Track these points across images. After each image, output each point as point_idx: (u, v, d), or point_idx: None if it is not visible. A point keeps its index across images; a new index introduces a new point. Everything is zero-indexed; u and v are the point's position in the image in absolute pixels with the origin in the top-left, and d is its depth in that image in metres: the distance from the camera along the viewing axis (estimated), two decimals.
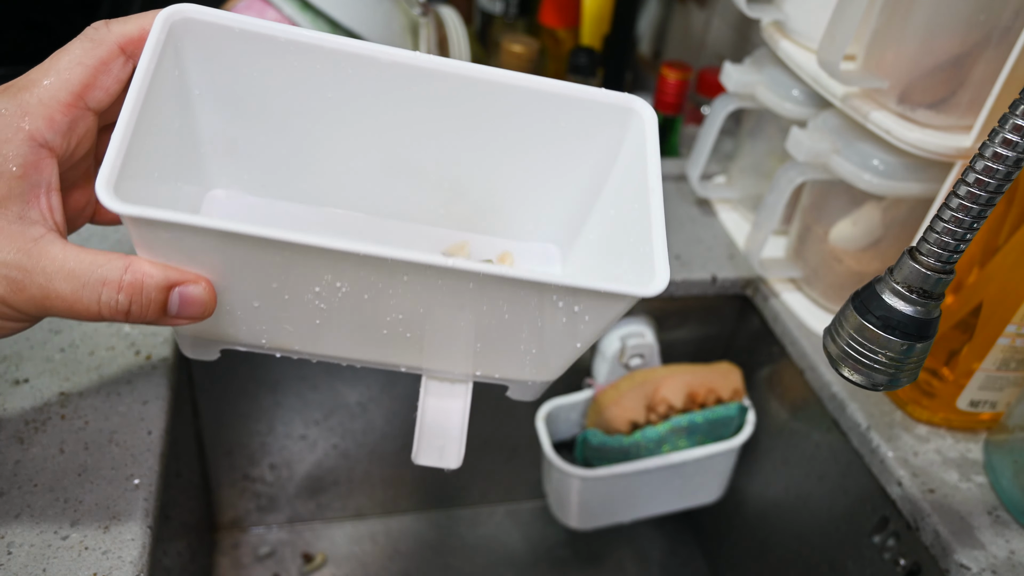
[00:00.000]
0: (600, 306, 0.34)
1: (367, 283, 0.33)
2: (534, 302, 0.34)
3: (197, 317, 0.33)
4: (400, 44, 0.77)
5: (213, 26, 0.36)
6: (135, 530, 0.43)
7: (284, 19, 0.72)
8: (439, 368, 0.41)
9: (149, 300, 0.32)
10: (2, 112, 0.32)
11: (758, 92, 0.68)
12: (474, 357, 0.39)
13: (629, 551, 0.86)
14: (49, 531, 0.43)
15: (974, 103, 0.52)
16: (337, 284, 0.33)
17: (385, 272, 0.32)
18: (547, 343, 0.38)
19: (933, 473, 0.55)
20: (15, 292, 0.31)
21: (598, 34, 0.97)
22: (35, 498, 0.44)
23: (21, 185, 0.32)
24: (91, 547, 0.42)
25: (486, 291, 0.33)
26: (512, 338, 0.37)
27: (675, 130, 0.87)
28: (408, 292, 0.34)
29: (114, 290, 0.31)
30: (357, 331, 0.37)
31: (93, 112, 0.34)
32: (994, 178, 0.33)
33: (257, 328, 0.37)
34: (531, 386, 0.42)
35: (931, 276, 0.37)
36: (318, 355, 0.40)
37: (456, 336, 0.37)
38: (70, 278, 0.31)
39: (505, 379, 0.41)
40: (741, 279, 0.71)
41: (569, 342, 0.37)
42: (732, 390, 0.70)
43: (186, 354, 0.40)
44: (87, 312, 0.32)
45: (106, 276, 0.31)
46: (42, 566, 0.41)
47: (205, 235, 0.30)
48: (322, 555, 0.80)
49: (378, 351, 0.39)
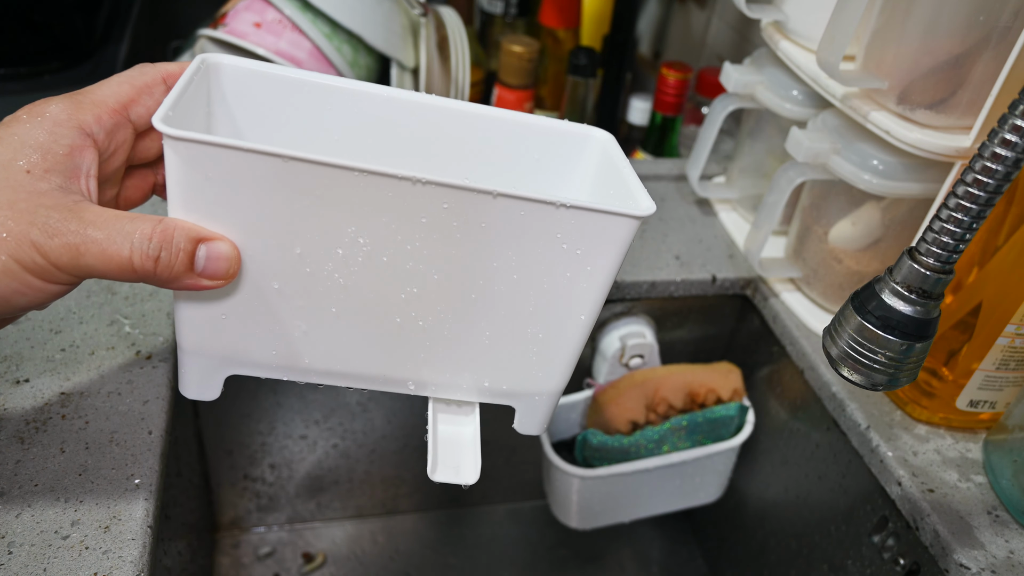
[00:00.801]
0: (600, 242, 0.37)
1: (387, 233, 0.35)
2: (541, 244, 0.36)
3: (222, 275, 0.35)
4: (400, 44, 0.77)
5: (235, 68, 0.41)
6: (135, 530, 0.43)
7: (284, 19, 0.73)
8: (447, 378, 0.41)
9: (179, 249, 0.34)
10: (61, 107, 0.36)
11: (758, 92, 0.68)
12: (482, 352, 0.40)
13: (629, 551, 0.86)
14: (49, 531, 0.43)
15: (973, 103, 0.52)
16: (360, 240, 0.36)
17: (407, 208, 0.35)
18: (551, 320, 0.39)
19: (933, 473, 0.55)
20: (50, 236, 0.33)
21: (598, 34, 0.97)
22: (35, 498, 0.44)
23: (66, 163, 0.35)
24: (91, 547, 0.42)
25: (499, 218, 0.36)
26: (519, 320, 0.39)
27: (675, 130, 0.88)
28: (425, 239, 0.36)
29: (146, 236, 0.33)
30: (371, 323, 0.38)
31: (133, 125, 0.38)
32: (993, 178, 0.33)
33: (270, 331, 0.38)
34: (537, 404, 0.43)
35: (930, 276, 0.37)
36: (327, 369, 0.40)
37: (467, 315, 0.39)
38: (105, 226, 0.33)
39: (512, 393, 0.42)
40: (741, 279, 0.71)
41: (573, 314, 0.39)
42: (732, 390, 0.70)
43: (187, 393, 0.41)
44: (118, 256, 0.33)
45: (139, 225, 0.34)
46: (42, 566, 0.41)
47: (249, 161, 0.33)
48: (322, 555, 0.80)
49: (389, 356, 0.40)
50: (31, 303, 0.35)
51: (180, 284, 0.35)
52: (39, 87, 0.81)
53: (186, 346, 0.39)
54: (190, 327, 0.38)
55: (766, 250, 0.70)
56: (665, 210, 0.78)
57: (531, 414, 0.44)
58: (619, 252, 0.37)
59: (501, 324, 0.39)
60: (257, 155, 0.33)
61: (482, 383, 0.42)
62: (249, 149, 0.33)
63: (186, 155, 0.33)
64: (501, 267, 0.37)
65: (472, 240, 0.36)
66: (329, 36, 0.73)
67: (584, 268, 0.38)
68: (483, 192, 0.35)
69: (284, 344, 0.39)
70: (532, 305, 0.39)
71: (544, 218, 0.36)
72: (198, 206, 0.34)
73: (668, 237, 0.74)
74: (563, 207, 0.35)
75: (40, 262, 0.33)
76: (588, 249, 0.37)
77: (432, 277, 0.37)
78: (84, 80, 0.82)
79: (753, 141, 0.75)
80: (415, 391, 0.42)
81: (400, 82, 0.76)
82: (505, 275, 0.38)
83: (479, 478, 0.42)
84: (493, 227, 0.36)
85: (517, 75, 0.85)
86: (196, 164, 0.33)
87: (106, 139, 0.37)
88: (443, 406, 0.44)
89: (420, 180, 0.34)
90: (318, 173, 0.34)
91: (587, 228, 0.36)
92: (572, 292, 0.38)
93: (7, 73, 0.81)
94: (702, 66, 0.93)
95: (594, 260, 0.37)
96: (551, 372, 0.42)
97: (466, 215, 0.36)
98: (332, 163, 0.33)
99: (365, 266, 0.37)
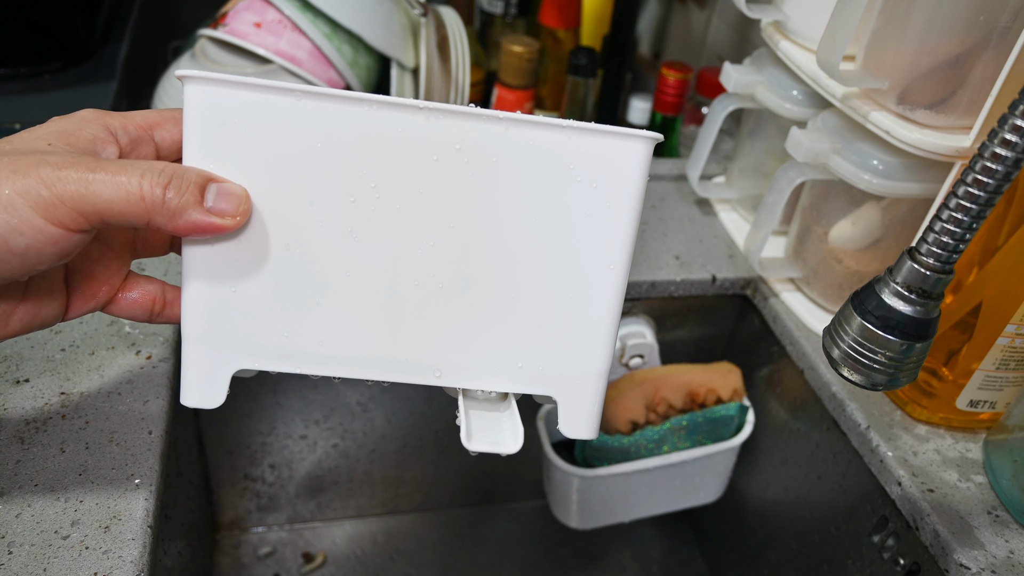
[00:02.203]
0: (614, 171, 0.36)
1: (399, 175, 0.36)
2: (555, 178, 0.36)
3: (231, 212, 0.35)
4: (400, 44, 0.77)
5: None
6: (135, 530, 0.43)
7: (284, 19, 0.73)
8: (476, 361, 0.39)
9: (189, 182, 0.34)
10: (90, 110, 0.38)
11: (758, 92, 0.68)
12: (511, 322, 0.38)
13: (629, 551, 0.86)
14: (49, 531, 0.43)
15: (973, 103, 0.52)
16: (372, 185, 0.36)
17: (417, 146, 0.35)
18: (580, 274, 0.38)
19: (932, 473, 0.55)
20: (59, 168, 0.32)
21: (598, 34, 0.97)
22: (35, 498, 0.44)
23: (87, 146, 0.35)
24: (91, 547, 0.42)
25: (510, 150, 0.36)
26: (545, 276, 0.38)
27: (675, 130, 0.88)
28: (438, 181, 0.36)
29: (157, 168, 0.33)
30: (388, 289, 0.37)
31: (156, 147, 0.39)
32: (993, 178, 0.33)
33: (282, 307, 0.37)
34: (582, 393, 0.40)
35: (930, 276, 0.37)
36: (344, 355, 0.38)
37: (488, 273, 0.37)
38: (116, 161, 0.34)
39: (551, 377, 0.39)
40: (741, 279, 0.71)
41: (602, 263, 0.38)
42: (732, 390, 0.70)
43: (188, 400, 0.38)
44: (127, 184, 0.33)
45: (151, 162, 0.34)
46: (42, 566, 0.41)
47: (264, 100, 0.34)
48: (322, 555, 0.80)
49: (410, 333, 0.38)
50: (29, 249, 0.32)
51: (189, 219, 0.34)
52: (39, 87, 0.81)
53: (191, 331, 0.37)
54: (196, 305, 0.37)
55: (766, 250, 0.70)
56: (665, 210, 0.78)
57: (577, 407, 0.40)
58: (635, 184, 0.37)
59: (526, 282, 0.38)
60: (272, 92, 0.34)
61: (515, 365, 0.39)
62: (264, 85, 0.34)
63: (203, 99, 0.34)
64: (517, 209, 0.37)
65: (485, 180, 0.36)
66: (329, 36, 0.73)
67: (603, 204, 0.37)
68: (491, 118, 0.35)
69: (297, 324, 0.37)
70: (555, 254, 0.37)
71: (554, 147, 0.36)
72: (213, 153, 0.35)
73: (668, 237, 0.74)
74: (571, 130, 0.35)
75: (45, 195, 0.32)
76: (603, 180, 0.36)
77: (448, 227, 0.37)
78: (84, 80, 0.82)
79: (753, 141, 0.75)
80: (442, 381, 0.39)
81: (400, 82, 0.76)
82: (523, 219, 0.37)
83: (479, 478, 0.40)
84: (505, 161, 0.36)
85: (517, 75, 0.85)
86: (212, 108, 0.34)
87: (128, 145, 0.37)
88: (474, 403, 0.41)
89: (427, 108, 0.35)
90: (330, 110, 0.34)
91: (599, 155, 0.36)
92: (596, 235, 0.37)
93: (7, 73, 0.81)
94: (702, 66, 0.93)
95: (611, 193, 0.37)
96: (589, 344, 0.39)
97: (476, 150, 0.35)
98: (342, 95, 0.34)
99: (379, 216, 0.36)
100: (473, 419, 0.39)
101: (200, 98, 0.34)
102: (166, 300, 0.41)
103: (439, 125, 0.35)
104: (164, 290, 0.41)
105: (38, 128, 0.36)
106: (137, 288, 0.41)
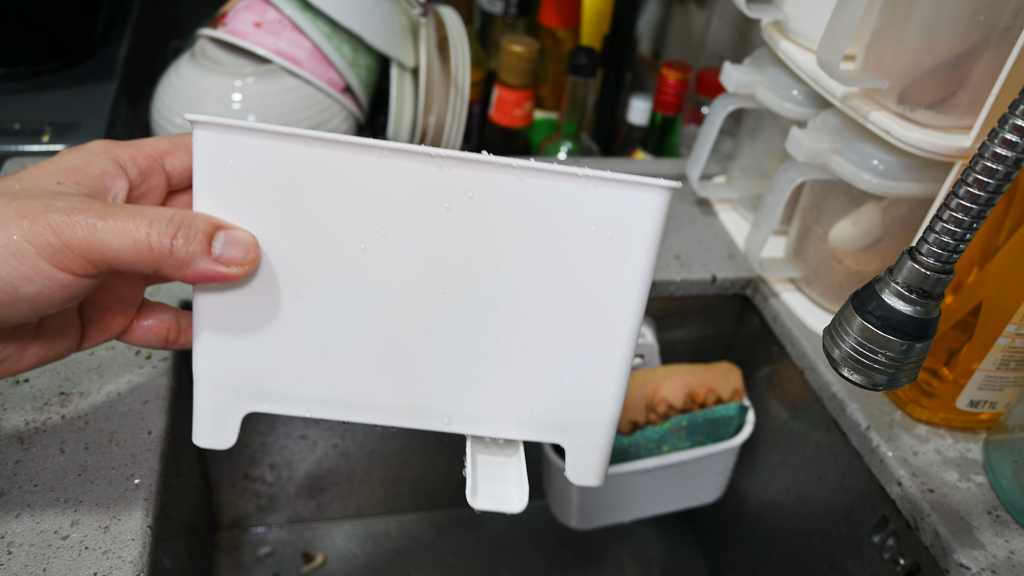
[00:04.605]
0: (630, 221, 0.35)
1: (410, 223, 0.35)
2: (569, 228, 0.35)
3: (239, 262, 0.35)
4: (400, 44, 0.77)
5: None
6: (135, 530, 0.43)
7: (284, 18, 0.72)
8: (485, 408, 0.38)
9: (197, 231, 0.34)
10: (100, 143, 0.38)
11: (758, 92, 0.68)
12: (521, 370, 0.38)
13: (629, 551, 0.86)
14: (49, 531, 0.43)
15: (974, 103, 0.52)
16: (383, 232, 0.35)
17: (429, 194, 0.35)
18: (591, 324, 0.37)
19: (933, 473, 0.55)
20: (68, 215, 0.32)
21: (598, 34, 0.97)
22: (35, 498, 0.44)
23: (96, 183, 0.36)
24: (91, 547, 0.42)
25: (523, 199, 0.35)
26: (555, 325, 0.37)
27: (675, 130, 0.88)
28: (450, 230, 0.35)
29: (165, 217, 0.33)
30: (398, 336, 0.37)
31: (167, 175, 0.39)
32: (993, 178, 0.33)
33: (292, 350, 0.37)
34: (590, 441, 0.39)
35: (931, 276, 0.37)
36: (354, 399, 0.38)
37: (499, 321, 0.37)
38: (125, 208, 0.34)
39: (559, 424, 0.39)
40: (741, 279, 0.71)
41: (614, 315, 0.37)
42: (732, 390, 0.70)
43: (199, 440, 0.39)
44: (135, 232, 0.33)
45: (160, 209, 0.34)
46: (42, 566, 0.41)
47: (273, 145, 0.34)
48: (322, 555, 0.80)
49: (420, 380, 0.38)
50: (38, 295, 0.33)
51: (196, 268, 0.34)
52: (39, 87, 0.81)
53: (202, 375, 0.37)
54: (207, 349, 0.37)
55: (766, 250, 0.70)
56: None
57: (585, 455, 0.39)
58: (651, 235, 0.35)
59: (537, 331, 0.37)
60: (282, 138, 0.33)
61: (524, 413, 0.39)
62: (274, 132, 0.33)
63: (212, 143, 0.33)
64: (529, 259, 0.36)
65: (498, 228, 0.35)
66: (329, 36, 0.73)
67: (618, 255, 0.36)
68: (504, 167, 0.34)
69: (307, 368, 0.37)
70: (567, 305, 0.37)
71: (569, 197, 0.35)
72: (222, 199, 0.34)
73: (668, 237, 0.74)
74: (587, 179, 0.34)
75: (53, 242, 0.32)
76: (619, 230, 0.35)
77: (459, 275, 0.36)
78: (84, 80, 0.82)
79: (753, 141, 0.75)
80: (450, 427, 0.39)
81: (400, 82, 0.76)
82: (535, 269, 0.36)
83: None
84: (518, 210, 0.35)
85: (517, 75, 0.85)
86: (221, 153, 0.34)
87: (139, 176, 0.37)
88: (482, 447, 0.40)
89: (439, 156, 0.34)
90: (340, 157, 0.34)
91: (615, 205, 0.35)
92: (610, 286, 0.36)
93: (7, 73, 0.81)
94: (702, 66, 0.93)
95: (627, 244, 0.35)
96: (599, 393, 0.38)
97: (489, 199, 0.35)
98: (352, 142, 0.33)
99: (389, 263, 0.36)
100: (480, 469, 0.39)
101: (209, 143, 0.34)
102: (180, 328, 0.41)
103: (451, 173, 0.34)
104: (178, 317, 0.41)
105: (47, 163, 0.35)
106: (152, 316, 0.40)
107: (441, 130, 0.78)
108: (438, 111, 0.77)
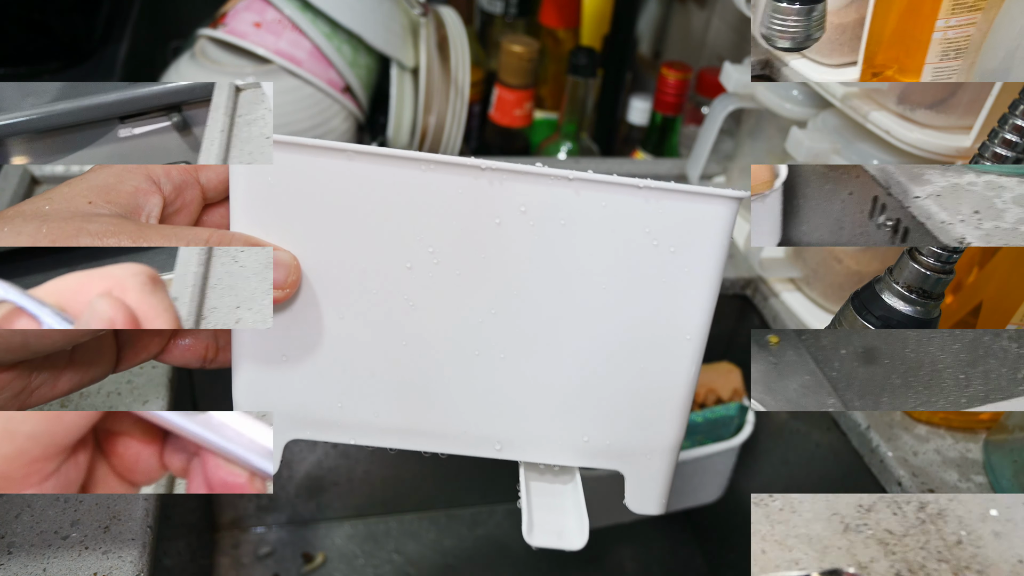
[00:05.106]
0: (694, 235, 0.33)
1: (459, 240, 0.33)
2: (628, 243, 0.33)
3: (280, 284, 0.33)
4: (400, 44, 0.77)
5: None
6: (135, 530, 0.43)
7: (284, 18, 0.72)
8: (539, 432, 0.36)
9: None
10: (139, 167, 0.37)
11: (758, 92, 0.68)
12: (576, 394, 0.36)
13: (629, 551, 0.86)
14: (49, 531, 0.43)
15: (974, 103, 0.52)
16: (430, 250, 0.33)
17: (479, 209, 0.33)
18: (652, 345, 0.35)
19: (933, 473, 0.55)
20: (101, 237, 0.31)
21: (598, 34, 0.97)
22: (35, 498, 0.44)
23: (129, 200, 0.35)
24: (91, 547, 0.42)
25: (580, 213, 0.33)
26: (614, 346, 0.35)
27: (675, 130, 0.88)
28: (501, 247, 0.33)
29: (202, 238, 0.33)
30: (446, 359, 0.35)
31: (202, 188, 0.38)
32: None
33: (335, 376, 0.35)
34: (651, 468, 0.37)
35: (931, 276, 0.37)
36: (400, 426, 0.36)
37: (554, 343, 0.35)
38: (160, 229, 0.33)
39: (617, 451, 0.37)
40: (741, 279, 0.71)
41: (677, 334, 0.34)
42: (732, 390, 0.70)
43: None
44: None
45: (196, 230, 0.33)
46: (42, 566, 0.41)
47: (313, 160, 0.32)
48: (322, 555, 0.80)
49: (469, 404, 0.36)
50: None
51: None
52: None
53: (242, 403, 0.36)
54: (248, 378, 0.35)
55: (766, 250, 0.70)
56: None
57: (645, 482, 0.37)
58: (717, 248, 0.33)
59: (595, 352, 0.35)
60: (321, 152, 0.32)
61: (580, 439, 0.36)
62: (313, 146, 0.32)
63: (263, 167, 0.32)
64: (586, 276, 0.34)
65: (552, 244, 0.33)
66: (329, 36, 0.73)
67: (682, 270, 0.33)
68: (559, 178, 0.32)
69: (351, 394, 0.36)
70: (627, 324, 0.34)
71: (629, 209, 0.33)
72: (260, 218, 0.33)
73: None
74: (648, 191, 0.32)
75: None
76: (682, 245, 0.33)
77: (511, 294, 0.34)
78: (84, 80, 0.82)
79: (753, 141, 0.75)
80: (502, 454, 0.37)
81: (400, 82, 0.76)
82: (593, 287, 0.34)
83: (479, 478, 0.38)
84: (574, 224, 0.33)
85: (517, 75, 0.85)
86: (259, 169, 0.32)
87: (173, 192, 0.36)
88: (536, 475, 0.38)
89: (489, 168, 0.32)
90: (383, 171, 0.32)
91: (678, 218, 0.33)
92: (673, 303, 0.34)
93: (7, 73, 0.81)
94: (702, 66, 0.93)
95: (691, 258, 0.33)
96: (661, 419, 0.36)
97: (543, 213, 0.33)
98: (396, 155, 0.32)
99: (436, 282, 0.34)
100: (535, 498, 0.37)
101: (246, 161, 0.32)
102: (219, 346, 0.39)
103: (503, 187, 0.32)
104: (216, 335, 0.39)
105: (78, 181, 0.34)
106: (189, 335, 0.39)
107: (441, 130, 0.78)
108: (438, 111, 0.77)
